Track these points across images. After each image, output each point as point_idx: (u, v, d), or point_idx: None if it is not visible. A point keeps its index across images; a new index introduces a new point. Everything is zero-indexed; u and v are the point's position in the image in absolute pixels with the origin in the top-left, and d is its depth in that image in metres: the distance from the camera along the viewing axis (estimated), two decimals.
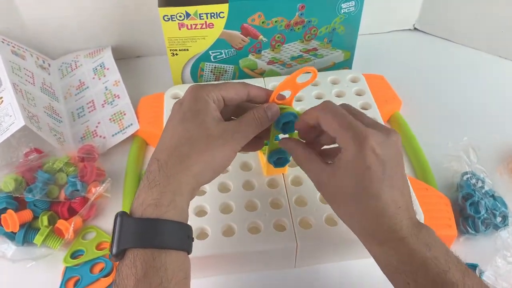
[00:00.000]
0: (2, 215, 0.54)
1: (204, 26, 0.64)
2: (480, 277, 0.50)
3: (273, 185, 0.55)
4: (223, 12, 0.63)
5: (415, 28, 0.86)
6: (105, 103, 0.69)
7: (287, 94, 0.47)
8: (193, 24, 0.64)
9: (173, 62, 0.69)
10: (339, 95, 0.67)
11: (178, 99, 0.44)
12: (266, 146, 0.50)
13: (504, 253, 0.52)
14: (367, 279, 0.52)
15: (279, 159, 0.51)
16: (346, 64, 0.74)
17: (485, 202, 0.55)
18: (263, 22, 0.65)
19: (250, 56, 0.70)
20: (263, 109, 0.44)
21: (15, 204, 0.56)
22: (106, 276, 0.53)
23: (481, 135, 0.64)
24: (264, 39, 0.68)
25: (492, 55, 0.80)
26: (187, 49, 0.67)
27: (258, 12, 0.64)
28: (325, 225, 0.51)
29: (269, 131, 0.47)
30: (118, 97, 0.69)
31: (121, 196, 0.60)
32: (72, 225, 0.54)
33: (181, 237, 0.39)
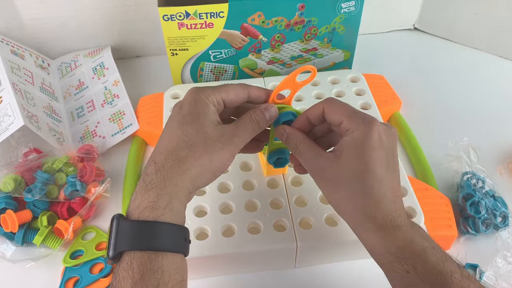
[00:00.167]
0: (2, 215, 0.54)
1: (204, 26, 0.64)
2: (481, 278, 0.50)
3: (273, 185, 0.55)
4: (223, 12, 0.63)
5: (415, 28, 0.86)
6: (105, 103, 0.69)
7: (286, 93, 0.47)
8: (193, 24, 0.64)
9: (173, 62, 0.69)
10: (339, 95, 0.67)
11: (178, 101, 0.44)
12: (266, 147, 0.50)
13: (505, 254, 0.52)
14: (367, 280, 0.52)
15: (279, 159, 0.51)
16: (346, 64, 0.74)
17: (486, 202, 0.55)
18: (263, 22, 0.65)
19: (250, 56, 0.70)
20: (261, 111, 0.44)
21: (15, 204, 0.56)
22: (106, 277, 0.52)
23: (481, 135, 0.64)
24: (264, 39, 0.68)
25: (492, 55, 0.80)
26: (187, 49, 0.67)
27: (258, 12, 0.64)
28: (325, 225, 0.51)
29: (269, 132, 0.47)
30: (118, 97, 0.69)
31: (121, 196, 0.60)
32: (72, 225, 0.54)
33: (178, 240, 0.38)
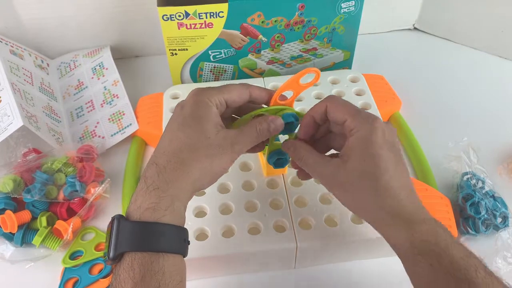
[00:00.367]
0: (1, 216, 0.54)
1: (204, 26, 0.64)
2: None
3: (273, 186, 0.55)
4: (223, 12, 0.63)
5: (415, 28, 0.86)
6: (104, 103, 0.69)
7: (288, 94, 0.46)
8: (193, 24, 0.64)
9: (172, 62, 0.69)
10: (339, 95, 0.67)
11: (180, 102, 0.44)
12: (266, 147, 0.50)
13: (505, 254, 0.52)
14: (367, 280, 0.52)
15: (279, 160, 0.51)
16: (346, 64, 0.74)
17: (486, 203, 0.55)
18: (263, 22, 0.65)
19: (250, 56, 0.69)
20: (267, 123, 0.44)
21: (14, 205, 0.56)
22: (105, 277, 0.52)
23: (481, 135, 0.64)
24: (264, 39, 0.67)
25: (492, 55, 0.80)
26: (187, 49, 0.67)
27: (258, 12, 0.64)
28: (325, 226, 0.51)
29: None
30: (117, 97, 0.69)
31: (120, 197, 0.59)
32: (71, 226, 0.54)
33: (178, 241, 0.39)
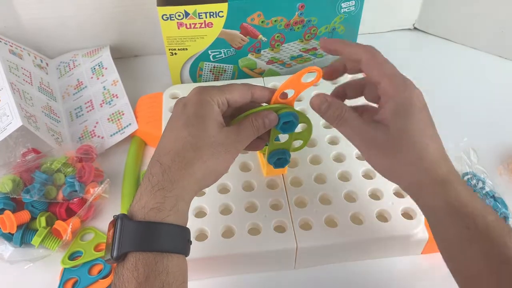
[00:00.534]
0: (0, 216, 0.54)
1: (203, 26, 0.64)
2: None
3: (273, 186, 0.55)
4: (222, 12, 0.63)
5: (415, 28, 0.86)
6: (104, 103, 0.69)
7: (290, 93, 0.46)
8: (192, 24, 0.63)
9: (172, 62, 0.69)
10: None
11: (181, 98, 0.44)
12: (266, 147, 0.50)
13: None
14: (367, 280, 0.52)
15: (279, 160, 0.51)
16: None
17: (486, 203, 0.55)
18: (263, 22, 0.65)
19: (250, 56, 0.69)
20: (262, 117, 0.44)
21: (13, 205, 0.55)
22: (105, 278, 0.52)
23: (481, 135, 0.64)
24: (264, 39, 0.67)
25: (492, 55, 0.80)
26: (186, 49, 0.67)
27: (258, 12, 0.64)
28: (325, 226, 0.51)
29: (269, 132, 0.47)
30: (117, 97, 0.69)
31: (120, 197, 0.59)
32: (70, 226, 0.54)
33: (182, 241, 0.39)
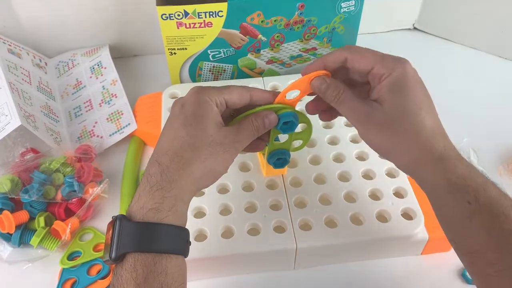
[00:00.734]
0: None
1: (203, 25, 0.64)
2: None
3: (273, 186, 0.55)
4: (222, 11, 0.62)
5: (415, 28, 0.86)
6: (103, 103, 0.69)
7: (294, 93, 0.46)
8: (192, 23, 0.63)
9: (171, 61, 0.68)
10: None
11: (179, 98, 0.43)
12: (266, 147, 0.50)
13: None
14: (367, 281, 0.52)
15: (279, 160, 0.51)
16: None
17: None
18: (262, 21, 0.65)
19: (249, 56, 0.69)
20: (262, 118, 0.44)
21: (11, 205, 0.55)
22: (104, 278, 0.52)
23: (481, 136, 0.64)
24: (263, 38, 0.67)
25: (492, 55, 0.79)
26: (186, 48, 0.67)
27: (257, 11, 0.63)
28: (325, 227, 0.50)
29: (269, 133, 0.47)
30: (116, 97, 0.69)
31: (119, 197, 0.59)
32: (69, 226, 0.54)
33: (181, 242, 0.38)
